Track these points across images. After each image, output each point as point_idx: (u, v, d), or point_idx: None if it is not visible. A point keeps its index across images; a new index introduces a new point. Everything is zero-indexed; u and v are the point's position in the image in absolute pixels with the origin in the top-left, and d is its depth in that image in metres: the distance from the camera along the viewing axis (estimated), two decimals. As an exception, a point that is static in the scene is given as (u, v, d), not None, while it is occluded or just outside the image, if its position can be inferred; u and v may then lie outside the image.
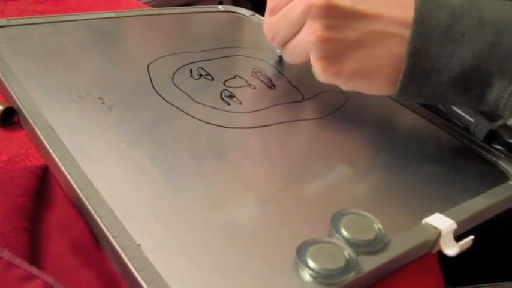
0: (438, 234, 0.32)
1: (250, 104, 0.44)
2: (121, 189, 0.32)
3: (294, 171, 0.37)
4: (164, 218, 0.30)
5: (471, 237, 0.32)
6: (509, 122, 0.35)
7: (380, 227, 0.31)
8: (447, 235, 0.32)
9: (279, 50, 0.50)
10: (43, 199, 0.32)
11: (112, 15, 0.57)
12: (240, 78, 0.48)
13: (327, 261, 0.27)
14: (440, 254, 0.33)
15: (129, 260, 0.27)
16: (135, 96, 0.42)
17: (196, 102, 0.43)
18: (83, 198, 0.30)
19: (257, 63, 0.51)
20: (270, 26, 0.41)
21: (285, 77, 0.50)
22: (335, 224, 0.30)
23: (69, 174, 0.32)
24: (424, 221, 0.33)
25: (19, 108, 0.38)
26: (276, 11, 0.40)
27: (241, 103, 0.44)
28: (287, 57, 0.42)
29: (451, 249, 0.32)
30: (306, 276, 0.27)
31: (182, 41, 0.55)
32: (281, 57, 0.52)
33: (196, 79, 0.46)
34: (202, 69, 0.48)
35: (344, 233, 0.30)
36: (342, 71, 0.36)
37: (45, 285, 0.25)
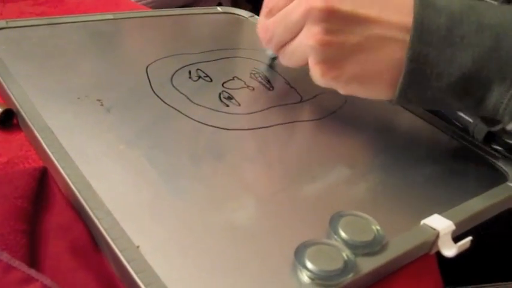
0: (436, 235, 0.32)
1: (249, 106, 0.44)
2: (120, 191, 0.32)
3: (292, 173, 0.37)
4: (163, 220, 0.30)
5: (469, 238, 0.32)
6: (508, 127, 0.35)
7: (378, 228, 0.31)
8: (445, 236, 0.32)
9: (270, 53, 0.49)
10: (42, 201, 0.32)
11: (110, 17, 0.57)
12: (238, 79, 0.48)
13: (325, 263, 0.27)
14: (438, 254, 0.33)
15: (128, 262, 0.27)
16: (134, 97, 0.42)
17: (195, 103, 0.43)
18: (81, 200, 0.30)
19: (256, 65, 0.51)
20: (267, 28, 0.40)
21: (283, 78, 0.50)
22: (333, 226, 0.30)
23: (67, 176, 0.32)
24: (422, 222, 0.33)
25: (18, 110, 0.38)
26: (273, 12, 0.39)
27: (239, 104, 0.44)
28: (283, 61, 0.41)
29: (450, 250, 0.32)
30: (304, 277, 0.27)
31: (181, 42, 0.55)
32: (273, 59, 0.51)
33: (194, 81, 0.46)
34: (201, 70, 0.48)
35: (342, 234, 0.30)
36: (341, 75, 0.36)
37: (44, 288, 0.25)
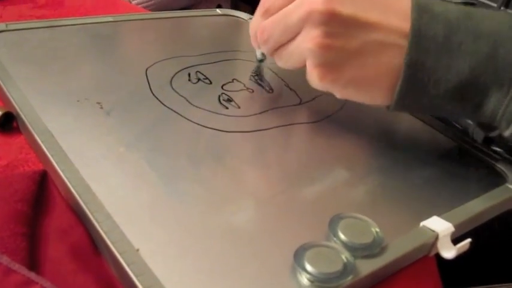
0: (436, 237, 0.32)
1: (248, 108, 0.44)
2: (119, 194, 0.32)
3: (292, 175, 0.37)
4: (163, 222, 0.31)
5: (468, 240, 0.32)
6: (505, 133, 0.35)
7: (378, 230, 0.31)
8: (444, 238, 0.32)
9: (259, 54, 0.48)
10: (42, 204, 0.32)
11: (110, 20, 0.57)
12: (238, 82, 0.48)
13: (324, 265, 0.28)
14: (438, 256, 0.33)
15: (128, 265, 0.27)
16: (134, 100, 0.43)
17: (195, 106, 0.43)
18: (81, 203, 0.30)
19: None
20: (263, 28, 0.38)
21: (282, 80, 0.50)
22: (333, 228, 0.30)
23: (67, 179, 0.32)
24: (421, 224, 0.33)
25: (18, 113, 0.38)
26: (270, 13, 0.38)
27: (239, 107, 0.44)
28: (279, 62, 0.40)
29: (449, 252, 0.32)
30: (304, 280, 0.27)
31: (180, 44, 0.55)
32: (261, 61, 0.49)
33: (194, 83, 0.46)
34: (201, 73, 0.48)
35: (342, 236, 0.30)
36: (339, 79, 0.36)
37: (44, 291, 0.25)
